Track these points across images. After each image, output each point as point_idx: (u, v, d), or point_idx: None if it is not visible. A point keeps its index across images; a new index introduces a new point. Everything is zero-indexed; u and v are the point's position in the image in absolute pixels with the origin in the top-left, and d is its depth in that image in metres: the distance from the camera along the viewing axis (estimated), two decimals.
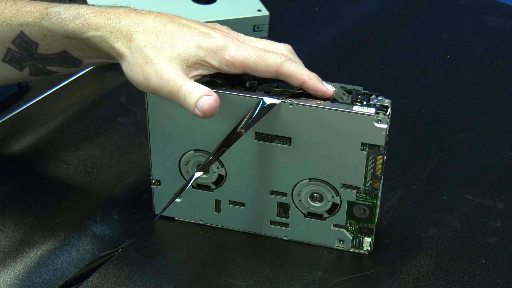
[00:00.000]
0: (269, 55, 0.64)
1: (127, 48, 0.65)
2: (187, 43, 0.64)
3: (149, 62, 0.63)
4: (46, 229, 0.72)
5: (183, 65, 0.64)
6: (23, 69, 0.71)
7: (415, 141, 0.85)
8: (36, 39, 0.68)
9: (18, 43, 0.69)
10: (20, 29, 0.68)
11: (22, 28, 0.68)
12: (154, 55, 0.63)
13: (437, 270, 0.70)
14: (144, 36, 0.64)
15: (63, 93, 0.90)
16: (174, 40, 0.64)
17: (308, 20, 1.06)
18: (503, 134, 0.87)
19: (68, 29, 0.67)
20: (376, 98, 0.65)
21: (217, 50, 0.64)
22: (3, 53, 0.70)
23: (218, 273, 0.69)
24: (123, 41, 0.65)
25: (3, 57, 0.70)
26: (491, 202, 0.77)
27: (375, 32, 1.04)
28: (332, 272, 0.70)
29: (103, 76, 0.93)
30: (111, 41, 0.65)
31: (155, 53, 0.64)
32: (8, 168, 0.79)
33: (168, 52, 0.64)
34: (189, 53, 0.64)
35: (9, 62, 0.70)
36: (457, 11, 1.08)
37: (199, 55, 0.64)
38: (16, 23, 0.68)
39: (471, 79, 0.96)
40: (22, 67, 0.70)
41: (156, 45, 0.64)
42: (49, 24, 0.67)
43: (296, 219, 0.71)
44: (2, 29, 0.69)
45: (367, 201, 0.69)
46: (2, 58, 0.70)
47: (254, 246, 0.72)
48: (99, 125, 0.85)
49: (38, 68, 0.70)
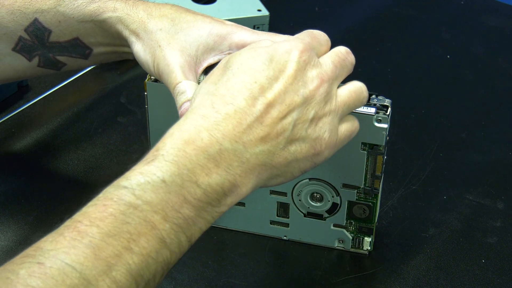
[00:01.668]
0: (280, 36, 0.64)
1: (142, 30, 0.65)
2: (199, 32, 0.64)
3: (162, 47, 0.64)
4: (46, 229, 0.72)
5: (194, 54, 0.64)
6: (32, 59, 0.71)
7: (415, 141, 0.85)
8: (50, 26, 0.68)
9: (31, 31, 0.69)
10: (34, 16, 0.68)
11: (37, 16, 0.68)
12: (167, 42, 0.64)
13: (437, 270, 0.70)
14: (160, 20, 0.65)
15: (63, 93, 0.90)
16: (188, 28, 0.65)
17: (308, 20, 1.06)
18: (503, 134, 0.87)
19: (85, 12, 0.67)
20: (376, 98, 0.65)
21: (226, 35, 0.64)
22: (15, 42, 0.70)
23: (218, 273, 0.69)
24: (138, 23, 0.65)
25: (14, 46, 0.70)
26: (491, 202, 0.77)
27: (375, 32, 1.04)
28: (332, 272, 0.70)
29: (103, 76, 0.93)
30: (127, 22, 0.66)
31: (168, 39, 0.64)
32: (8, 168, 0.79)
33: (181, 41, 0.64)
34: (200, 41, 0.64)
35: (19, 51, 0.70)
36: (457, 11, 1.08)
37: (209, 42, 0.64)
38: (31, 11, 0.68)
39: (471, 79, 0.96)
40: (32, 56, 0.70)
41: (171, 31, 0.64)
42: (65, 10, 0.68)
43: (296, 219, 0.71)
44: (16, 18, 0.69)
45: (367, 201, 0.69)
46: (13, 47, 0.70)
47: (254, 246, 0.72)
48: (99, 125, 0.85)
49: (48, 58, 0.70)
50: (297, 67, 0.56)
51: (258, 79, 0.55)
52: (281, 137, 0.55)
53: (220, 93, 0.55)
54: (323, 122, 0.57)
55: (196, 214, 0.51)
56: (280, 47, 0.57)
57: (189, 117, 0.54)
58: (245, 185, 0.54)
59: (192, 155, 0.52)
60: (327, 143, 0.58)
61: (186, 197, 0.51)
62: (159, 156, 0.52)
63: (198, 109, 0.55)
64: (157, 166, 0.51)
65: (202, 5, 1.00)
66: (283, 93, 0.55)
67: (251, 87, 0.55)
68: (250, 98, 0.54)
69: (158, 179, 0.50)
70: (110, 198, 0.50)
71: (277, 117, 0.55)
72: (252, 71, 0.56)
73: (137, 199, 0.50)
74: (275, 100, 0.55)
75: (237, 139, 0.53)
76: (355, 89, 0.60)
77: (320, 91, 0.57)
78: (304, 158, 0.57)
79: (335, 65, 0.59)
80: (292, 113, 0.55)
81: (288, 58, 0.56)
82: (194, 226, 0.52)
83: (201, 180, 0.52)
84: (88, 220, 0.49)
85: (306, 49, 0.57)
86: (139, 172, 0.51)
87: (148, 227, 0.49)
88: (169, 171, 0.51)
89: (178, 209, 0.51)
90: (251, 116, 0.54)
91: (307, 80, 0.56)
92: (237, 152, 0.53)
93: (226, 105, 0.54)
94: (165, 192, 0.50)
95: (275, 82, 0.55)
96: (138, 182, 0.51)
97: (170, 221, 0.50)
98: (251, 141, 0.54)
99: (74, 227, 0.48)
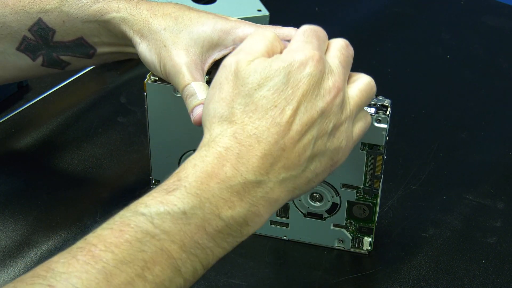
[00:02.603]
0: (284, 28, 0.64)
1: (147, 30, 0.65)
2: (203, 28, 0.64)
3: (167, 47, 0.64)
4: (46, 229, 0.72)
5: (199, 52, 0.64)
6: (36, 59, 0.71)
7: (415, 141, 0.85)
8: (54, 26, 0.68)
9: (35, 31, 0.69)
10: (38, 16, 0.68)
11: (41, 15, 0.68)
12: (172, 41, 0.64)
13: (437, 270, 0.70)
14: (164, 19, 0.65)
15: (63, 93, 0.90)
16: (192, 25, 0.65)
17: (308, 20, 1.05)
18: (503, 134, 0.87)
19: (89, 12, 0.67)
20: (376, 98, 0.65)
21: (230, 30, 0.64)
22: (18, 41, 0.70)
23: (218, 273, 0.69)
24: (142, 23, 0.65)
25: (18, 45, 0.70)
26: (491, 202, 0.77)
27: (375, 32, 1.04)
28: (332, 272, 0.70)
29: (103, 76, 0.93)
30: (131, 22, 0.66)
31: (173, 39, 0.64)
32: (8, 168, 0.79)
33: (186, 39, 0.64)
34: (205, 37, 0.64)
35: (24, 50, 0.70)
36: (457, 11, 1.08)
37: (213, 38, 0.64)
38: (35, 11, 0.68)
39: (471, 79, 0.96)
40: (36, 56, 0.70)
41: (175, 29, 0.64)
42: (69, 10, 0.68)
43: (296, 219, 0.71)
44: (20, 17, 0.69)
45: (367, 201, 0.69)
46: (17, 47, 0.70)
47: (254, 246, 0.72)
48: (99, 125, 0.85)
49: (52, 58, 0.70)
50: (314, 80, 0.54)
51: (277, 102, 0.53)
52: (303, 159, 0.54)
53: (240, 120, 0.53)
54: (340, 131, 0.56)
55: (215, 245, 0.51)
56: (295, 60, 0.54)
57: (212, 147, 0.53)
58: (268, 213, 0.53)
59: (215, 189, 0.51)
60: (344, 151, 0.57)
61: (206, 229, 0.50)
62: (181, 187, 0.51)
63: (221, 139, 0.53)
64: (178, 197, 0.50)
65: (202, 5, 1.00)
66: (301, 112, 0.54)
67: (273, 113, 0.53)
68: (272, 126, 0.53)
69: (178, 210, 0.49)
70: (127, 224, 0.49)
71: (297, 139, 0.53)
72: (271, 93, 0.53)
73: (155, 228, 0.49)
74: (294, 121, 0.53)
75: (261, 170, 0.52)
76: (365, 88, 0.59)
77: (337, 101, 0.55)
78: (323, 171, 0.56)
79: (343, 65, 0.57)
80: (312, 130, 0.54)
81: (304, 72, 0.54)
82: (212, 256, 0.51)
83: (224, 213, 0.51)
84: (103, 245, 0.48)
85: (320, 58, 0.55)
86: (159, 201, 0.50)
87: (164, 256, 0.48)
88: (190, 203, 0.50)
89: (197, 239, 0.50)
90: (274, 144, 0.53)
91: (324, 93, 0.55)
92: (261, 184, 0.52)
93: (249, 136, 0.53)
94: (184, 224, 0.49)
95: (293, 100, 0.54)
96: (157, 211, 0.49)
97: (187, 250, 0.49)
98: (275, 170, 0.53)
99: (88, 250, 0.47)
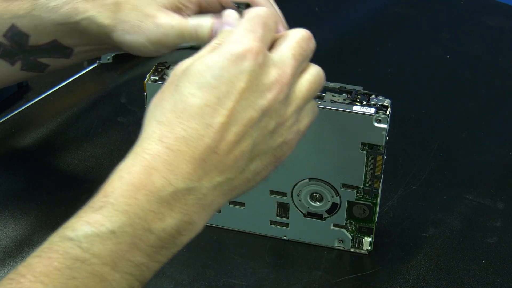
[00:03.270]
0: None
1: (117, 19, 0.65)
2: None
3: (145, 18, 0.64)
4: (46, 229, 0.72)
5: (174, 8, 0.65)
6: (15, 63, 0.71)
7: (415, 141, 0.85)
8: (27, 31, 0.69)
9: (9, 36, 0.69)
10: (11, 22, 0.69)
11: (14, 21, 0.68)
12: (147, 11, 0.64)
13: (437, 270, 0.70)
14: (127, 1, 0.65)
15: (63, 93, 0.90)
16: None
17: (308, 20, 1.06)
18: (503, 134, 0.87)
19: (59, 15, 0.67)
20: (376, 98, 0.65)
21: None
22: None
23: (218, 273, 0.69)
24: (110, 14, 0.66)
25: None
26: (491, 202, 0.77)
27: (375, 32, 1.04)
28: (332, 272, 0.70)
29: (103, 76, 0.93)
30: (100, 19, 0.66)
31: (147, 9, 0.64)
32: (8, 168, 0.79)
33: (158, 3, 0.64)
34: None
35: (1, 56, 0.70)
36: (457, 11, 1.08)
37: None
38: (8, 17, 0.69)
39: (471, 79, 0.96)
40: (14, 60, 0.70)
41: (145, 2, 0.65)
42: (40, 13, 0.68)
43: (296, 219, 0.71)
44: None
45: (367, 201, 0.68)
46: None
47: (254, 246, 0.72)
48: (99, 125, 0.85)
49: (29, 61, 0.70)
50: (252, 76, 0.49)
51: (209, 101, 0.48)
52: (240, 162, 0.50)
53: (169, 121, 0.49)
54: (285, 128, 0.51)
55: (149, 260, 0.48)
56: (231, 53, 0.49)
57: (139, 155, 0.49)
58: (202, 219, 0.49)
59: (144, 202, 0.47)
60: (289, 145, 0.53)
61: (138, 246, 0.47)
62: (108, 204, 0.47)
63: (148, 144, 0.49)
64: (106, 216, 0.46)
65: None
66: (238, 112, 0.49)
67: (203, 112, 0.48)
68: (203, 128, 0.48)
69: (107, 230, 0.46)
70: (56, 251, 0.46)
71: (234, 141, 0.49)
72: (202, 92, 0.49)
73: (84, 252, 0.46)
74: (229, 123, 0.49)
75: (192, 177, 0.48)
76: (314, 79, 0.53)
77: (280, 97, 0.50)
78: (266, 168, 0.52)
79: (296, 58, 0.52)
80: (250, 131, 0.49)
81: (242, 67, 0.49)
82: (147, 271, 0.48)
83: (154, 227, 0.47)
84: (32, 275, 0.45)
85: (260, 50, 0.50)
86: (86, 222, 0.46)
87: (96, 280, 0.45)
88: (119, 221, 0.46)
89: (129, 258, 0.47)
90: (205, 148, 0.48)
91: (264, 89, 0.50)
92: (193, 191, 0.48)
93: (177, 139, 0.48)
94: (114, 244, 0.46)
95: (228, 99, 0.49)
96: (85, 233, 0.46)
97: (120, 270, 0.46)
98: (207, 175, 0.48)
99: (18, 282, 0.44)
